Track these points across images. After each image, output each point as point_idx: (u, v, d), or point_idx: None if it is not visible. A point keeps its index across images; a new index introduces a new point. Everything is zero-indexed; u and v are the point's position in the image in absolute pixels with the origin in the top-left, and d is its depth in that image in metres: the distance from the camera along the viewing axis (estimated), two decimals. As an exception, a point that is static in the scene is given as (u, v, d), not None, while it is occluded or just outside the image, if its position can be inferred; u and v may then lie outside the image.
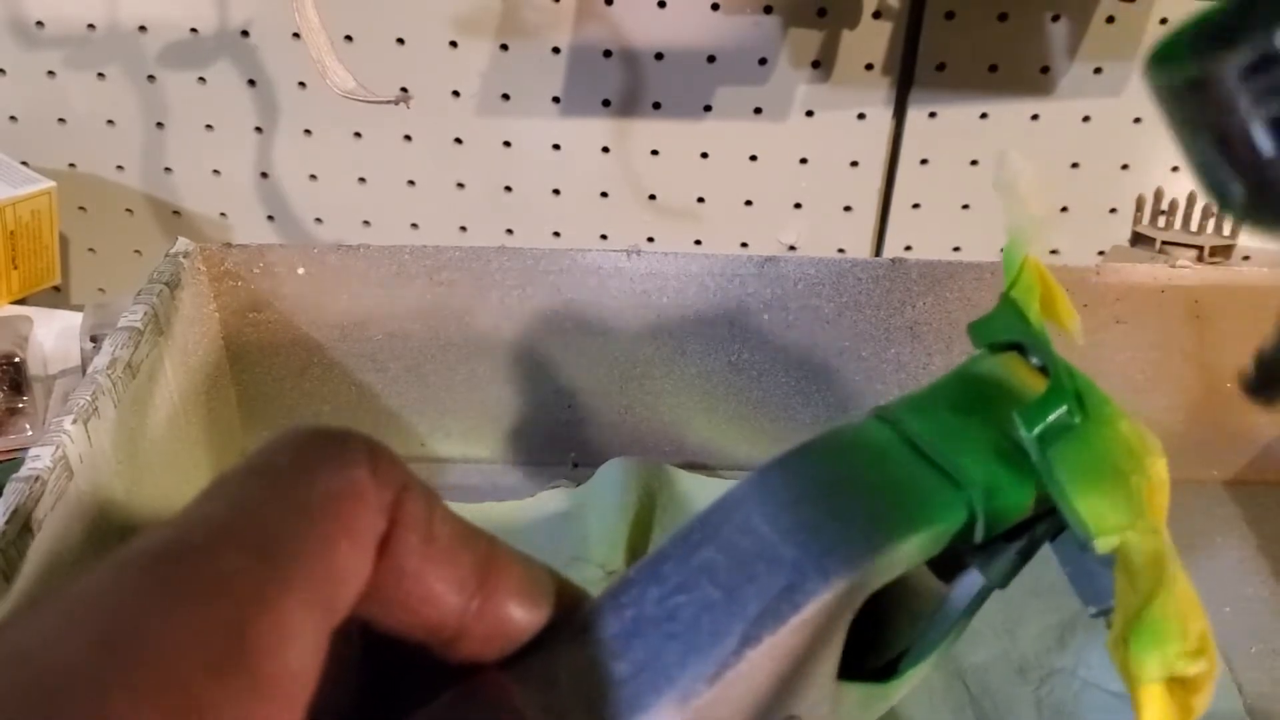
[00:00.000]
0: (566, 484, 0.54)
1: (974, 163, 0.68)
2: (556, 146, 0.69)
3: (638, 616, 0.21)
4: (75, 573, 0.39)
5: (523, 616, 0.20)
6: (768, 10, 0.63)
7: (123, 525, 0.43)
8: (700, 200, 0.71)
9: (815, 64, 0.65)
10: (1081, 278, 0.50)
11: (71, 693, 0.14)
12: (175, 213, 0.73)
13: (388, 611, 0.19)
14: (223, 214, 0.73)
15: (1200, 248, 0.61)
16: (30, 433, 0.54)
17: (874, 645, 0.25)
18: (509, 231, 0.73)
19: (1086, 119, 0.66)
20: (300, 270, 0.51)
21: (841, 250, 0.72)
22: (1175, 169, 0.68)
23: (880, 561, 0.22)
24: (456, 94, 0.67)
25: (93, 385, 0.41)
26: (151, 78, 0.67)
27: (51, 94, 0.68)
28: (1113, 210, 0.70)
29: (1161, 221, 0.63)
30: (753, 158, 0.69)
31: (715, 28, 0.64)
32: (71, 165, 0.71)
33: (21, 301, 0.65)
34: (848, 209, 0.71)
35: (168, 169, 0.71)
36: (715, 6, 0.63)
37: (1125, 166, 0.68)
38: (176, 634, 0.14)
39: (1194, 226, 0.62)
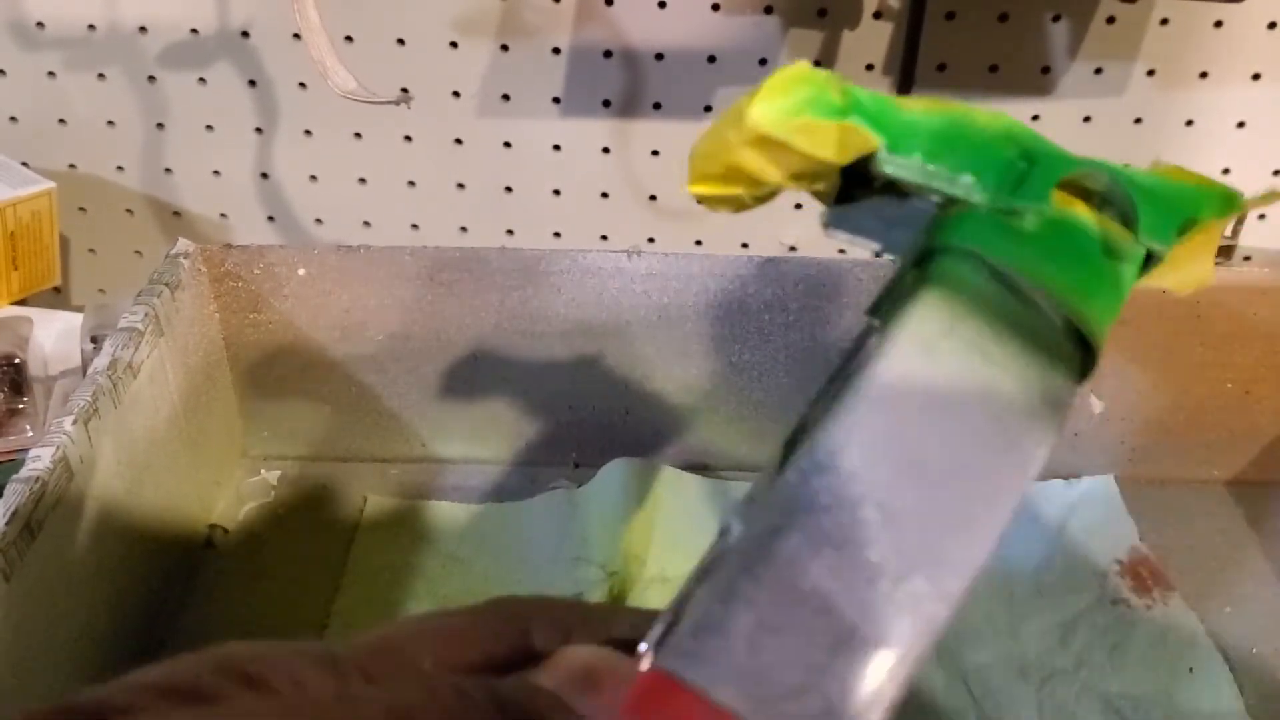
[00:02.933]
0: (567, 485, 0.54)
1: (974, 163, 0.68)
2: (557, 147, 0.69)
3: None
4: (75, 573, 0.39)
5: None
6: (768, 11, 0.63)
7: (123, 526, 0.43)
8: (701, 201, 0.71)
9: (816, 64, 0.65)
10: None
11: None
12: (175, 213, 0.73)
13: None
14: (223, 215, 0.73)
15: (1201, 248, 0.61)
16: (31, 434, 0.54)
17: None
18: (509, 232, 0.73)
19: (1087, 119, 0.66)
20: (301, 271, 0.51)
21: (842, 251, 0.72)
22: (1176, 169, 0.68)
23: None
24: (457, 94, 0.67)
25: (93, 386, 0.41)
26: (152, 78, 0.67)
27: (52, 95, 0.68)
28: (1113, 211, 0.70)
29: (1162, 222, 0.63)
30: (753, 158, 0.68)
31: (716, 28, 0.64)
32: (72, 166, 0.71)
33: (22, 302, 0.65)
34: (848, 209, 0.70)
35: (168, 170, 0.71)
36: (716, 7, 0.63)
37: (1125, 167, 0.68)
38: None
39: (1195, 227, 0.62)
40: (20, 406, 0.55)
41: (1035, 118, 0.67)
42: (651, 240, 0.72)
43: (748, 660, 0.18)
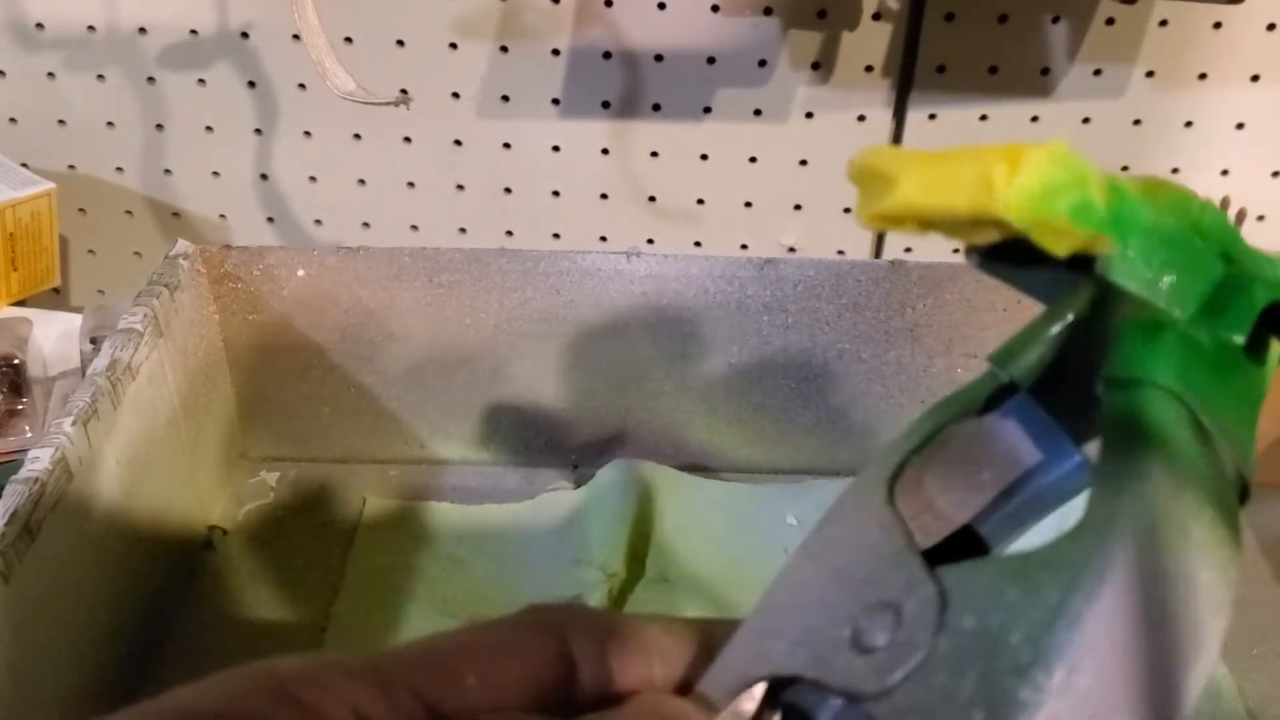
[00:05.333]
0: (567, 486, 0.54)
1: (974, 164, 0.68)
2: (556, 148, 0.69)
3: None
4: (74, 575, 0.39)
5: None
6: (767, 12, 0.63)
7: (122, 527, 0.43)
8: (700, 202, 0.71)
9: (815, 65, 0.65)
10: (1081, 279, 0.50)
11: None
12: (175, 214, 0.73)
13: None
14: (222, 216, 0.73)
15: (1200, 249, 0.61)
16: (30, 435, 0.54)
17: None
18: (508, 233, 0.73)
19: (1086, 120, 0.66)
20: (300, 272, 0.51)
21: (841, 252, 0.72)
22: (1176, 170, 0.68)
23: None
24: (456, 96, 0.67)
25: (92, 387, 0.41)
26: (151, 79, 0.67)
27: (51, 95, 0.68)
28: (1113, 212, 0.70)
29: (1162, 223, 0.63)
30: (752, 159, 0.69)
31: (715, 29, 0.64)
32: (71, 167, 0.71)
33: (21, 303, 0.65)
34: (847, 210, 0.71)
35: (167, 171, 0.71)
36: (715, 8, 0.63)
37: (1125, 168, 0.68)
38: None
39: (1194, 228, 0.62)
40: (19, 407, 0.55)
41: (1034, 119, 0.67)
42: (650, 241, 0.72)
43: None
